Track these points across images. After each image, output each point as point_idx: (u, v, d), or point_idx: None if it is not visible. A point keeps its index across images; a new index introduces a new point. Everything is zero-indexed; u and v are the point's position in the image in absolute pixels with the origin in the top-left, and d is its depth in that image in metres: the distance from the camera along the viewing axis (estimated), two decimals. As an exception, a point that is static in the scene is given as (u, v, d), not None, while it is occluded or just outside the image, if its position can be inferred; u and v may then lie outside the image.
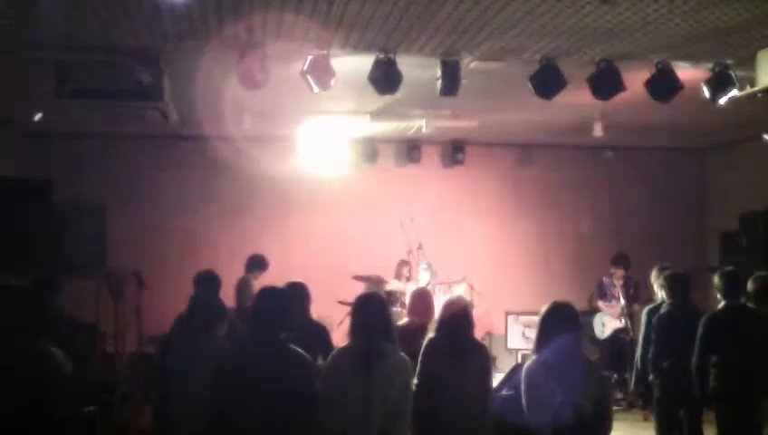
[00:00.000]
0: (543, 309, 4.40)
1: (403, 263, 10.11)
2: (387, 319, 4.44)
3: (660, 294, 6.75)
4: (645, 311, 6.84)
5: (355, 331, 4.35)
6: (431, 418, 4.74)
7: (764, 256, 8.72)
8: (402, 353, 4.42)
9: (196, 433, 4.28)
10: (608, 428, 4.29)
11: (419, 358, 4.84)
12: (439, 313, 5.03)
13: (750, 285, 6.05)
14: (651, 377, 6.31)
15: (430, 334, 5.00)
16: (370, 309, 4.39)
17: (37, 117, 8.48)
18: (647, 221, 11.71)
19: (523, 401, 4.29)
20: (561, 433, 4.10)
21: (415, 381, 4.72)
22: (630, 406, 9.17)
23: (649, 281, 7.21)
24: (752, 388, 5.65)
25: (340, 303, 9.18)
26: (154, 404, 5.47)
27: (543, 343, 4.30)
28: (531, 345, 4.66)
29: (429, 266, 9.72)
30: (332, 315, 8.41)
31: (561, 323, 4.30)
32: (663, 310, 6.29)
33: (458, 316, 4.88)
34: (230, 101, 8.18)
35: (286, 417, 3.85)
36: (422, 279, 9.69)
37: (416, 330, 5.52)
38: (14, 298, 5.25)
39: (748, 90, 6.58)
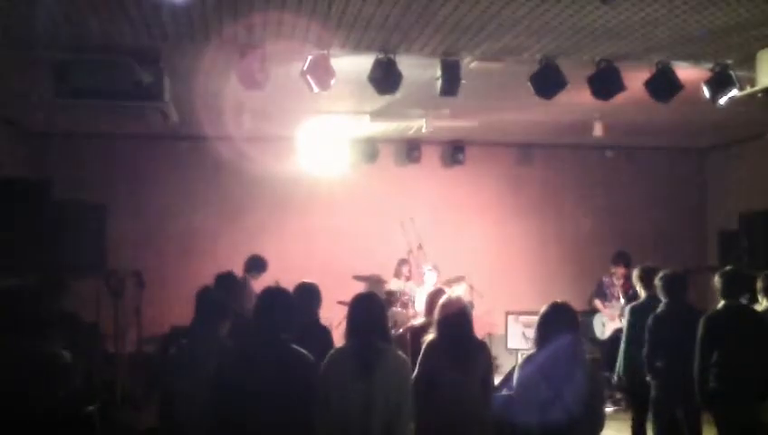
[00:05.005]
0: (543, 309, 4.42)
1: (403, 262, 10.10)
2: (383, 318, 4.44)
3: (642, 292, 6.85)
4: (628, 309, 6.87)
5: (352, 331, 4.34)
6: (434, 420, 4.74)
7: (764, 256, 8.73)
8: (400, 352, 4.42)
9: (198, 432, 4.28)
10: (599, 427, 4.30)
11: (419, 359, 4.84)
12: (436, 313, 5.00)
13: (759, 284, 6.08)
14: (648, 377, 6.32)
15: (429, 336, 4.99)
16: (367, 309, 4.39)
17: (36, 118, 8.47)
18: (647, 221, 11.72)
19: (513, 396, 4.32)
20: (549, 432, 4.11)
21: (420, 385, 4.73)
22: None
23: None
24: (751, 388, 5.64)
25: (340, 303, 9.17)
26: (158, 403, 5.47)
27: (542, 342, 4.32)
28: (531, 345, 4.67)
29: (435, 267, 9.67)
30: (332, 315, 8.40)
31: (560, 324, 4.31)
32: (659, 310, 6.30)
33: (456, 317, 4.87)
34: (230, 102, 8.18)
35: (288, 417, 3.85)
36: (428, 281, 9.64)
37: (421, 329, 5.54)
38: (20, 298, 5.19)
39: (748, 90, 6.58)
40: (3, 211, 7.62)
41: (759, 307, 6.09)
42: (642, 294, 6.83)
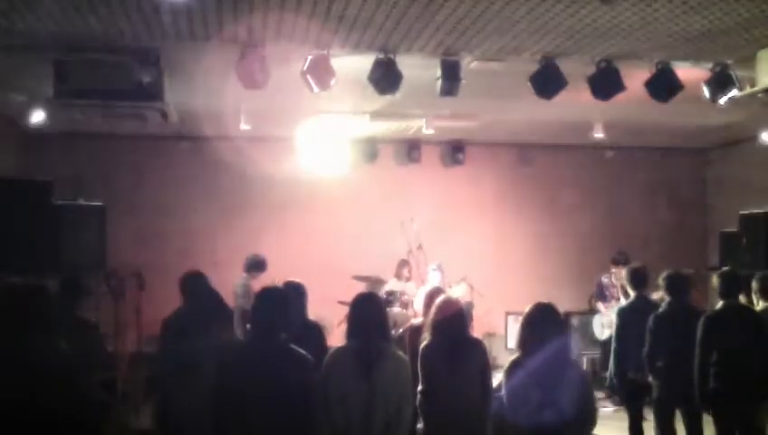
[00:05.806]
0: (527, 310, 4.37)
1: (403, 262, 10.10)
2: (384, 318, 4.44)
3: (631, 292, 6.91)
4: (616, 311, 6.95)
5: (353, 330, 4.34)
6: (435, 420, 4.74)
7: (764, 256, 8.71)
8: (400, 352, 4.42)
9: (196, 433, 4.28)
10: (591, 427, 4.29)
11: (418, 365, 4.84)
12: (432, 314, 5.00)
13: (755, 285, 6.07)
14: (650, 377, 6.32)
15: (426, 337, 4.99)
16: (368, 308, 4.39)
17: (36, 118, 8.47)
18: (646, 221, 11.73)
19: (504, 401, 4.29)
20: (541, 434, 4.10)
21: (420, 387, 4.74)
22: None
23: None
24: (751, 388, 5.65)
25: (340, 303, 9.17)
26: (154, 404, 5.46)
27: (531, 345, 4.28)
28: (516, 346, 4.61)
29: (440, 267, 9.64)
30: (332, 315, 8.41)
31: (546, 325, 4.28)
32: (660, 310, 6.32)
33: (453, 318, 4.87)
34: (230, 102, 8.18)
35: (287, 417, 3.85)
36: (432, 280, 9.62)
37: (420, 329, 5.54)
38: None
39: (748, 90, 6.58)
40: (3, 212, 7.61)
41: (756, 308, 6.10)
42: (631, 294, 6.88)
